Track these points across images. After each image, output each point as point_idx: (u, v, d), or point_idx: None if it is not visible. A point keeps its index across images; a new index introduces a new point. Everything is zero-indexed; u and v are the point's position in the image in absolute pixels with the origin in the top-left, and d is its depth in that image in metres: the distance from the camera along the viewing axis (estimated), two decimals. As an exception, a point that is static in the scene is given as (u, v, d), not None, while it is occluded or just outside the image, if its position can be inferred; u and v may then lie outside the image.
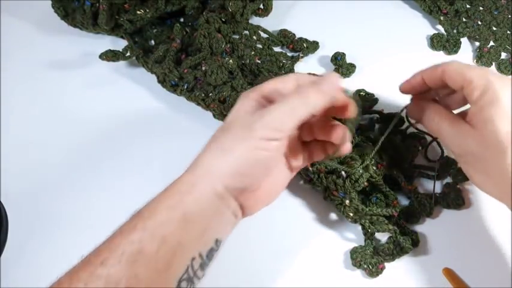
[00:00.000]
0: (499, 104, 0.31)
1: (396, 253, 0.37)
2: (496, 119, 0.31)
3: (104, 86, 0.50)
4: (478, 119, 0.32)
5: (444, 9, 0.53)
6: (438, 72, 0.35)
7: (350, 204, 0.38)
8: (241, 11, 0.51)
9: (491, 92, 0.31)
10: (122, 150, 0.45)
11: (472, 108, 0.33)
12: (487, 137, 0.32)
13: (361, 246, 0.38)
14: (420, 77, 0.37)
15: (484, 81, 0.32)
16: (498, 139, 0.31)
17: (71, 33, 0.54)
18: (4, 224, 0.41)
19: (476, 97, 0.32)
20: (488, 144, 0.32)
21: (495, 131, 0.31)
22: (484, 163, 0.33)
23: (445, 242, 0.39)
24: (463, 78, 0.33)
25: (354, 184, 0.38)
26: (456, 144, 0.34)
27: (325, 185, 0.39)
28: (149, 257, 0.28)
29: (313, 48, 0.51)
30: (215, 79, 0.45)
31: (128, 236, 0.28)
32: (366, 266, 0.37)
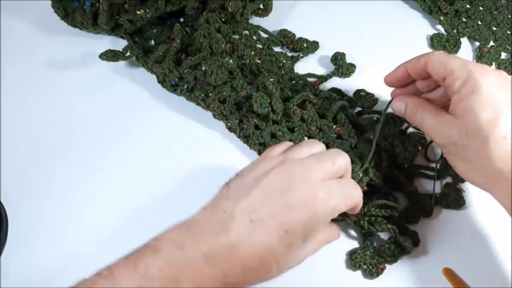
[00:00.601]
0: (479, 93, 0.32)
1: (397, 253, 0.37)
2: (477, 107, 0.32)
3: (103, 86, 0.50)
4: (460, 109, 0.33)
5: (444, 9, 0.53)
6: (421, 63, 0.36)
7: None
8: (241, 11, 0.50)
9: (472, 81, 0.32)
10: (122, 150, 0.45)
11: (454, 98, 0.33)
12: (468, 125, 0.32)
13: (361, 247, 0.38)
14: (404, 68, 0.38)
15: (465, 71, 0.33)
16: (479, 127, 0.32)
17: (71, 33, 0.54)
18: (4, 224, 0.41)
19: (457, 87, 0.33)
20: (470, 133, 0.32)
21: (476, 119, 0.32)
22: (466, 152, 0.33)
23: (445, 242, 0.39)
24: (445, 68, 0.34)
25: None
26: (439, 135, 0.35)
27: None
28: None
29: (313, 48, 0.51)
30: (215, 79, 0.45)
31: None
32: (365, 267, 0.37)
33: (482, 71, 0.33)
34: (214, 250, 0.28)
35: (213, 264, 0.27)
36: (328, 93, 0.46)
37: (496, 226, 0.39)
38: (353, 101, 0.47)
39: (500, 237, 0.39)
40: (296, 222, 0.29)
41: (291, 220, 0.29)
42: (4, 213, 0.42)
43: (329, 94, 0.45)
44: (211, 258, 0.27)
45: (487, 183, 0.34)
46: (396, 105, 0.39)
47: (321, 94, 0.46)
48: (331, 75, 0.49)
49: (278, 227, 0.29)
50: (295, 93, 0.45)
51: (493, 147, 0.32)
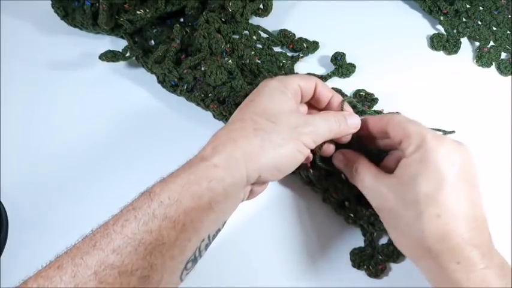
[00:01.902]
0: (426, 163, 0.31)
1: (397, 253, 0.37)
2: (420, 177, 0.30)
3: (103, 86, 0.50)
4: (404, 174, 0.32)
5: (444, 9, 0.53)
6: (384, 121, 0.35)
7: (349, 206, 0.38)
8: (241, 11, 0.50)
9: (424, 149, 0.31)
10: (121, 150, 0.45)
11: (403, 162, 0.32)
12: (407, 194, 0.31)
13: (361, 248, 0.38)
14: (366, 120, 0.37)
15: (420, 137, 0.32)
16: (417, 199, 0.30)
17: (71, 33, 0.54)
18: (4, 224, 0.41)
19: (409, 152, 0.32)
20: (407, 203, 0.31)
21: (416, 190, 0.30)
22: (400, 221, 0.32)
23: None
24: (403, 131, 0.33)
25: (353, 187, 0.38)
26: (376, 198, 0.34)
27: (325, 187, 0.39)
28: (168, 246, 0.27)
29: (313, 48, 0.51)
30: (214, 79, 0.45)
31: (146, 223, 0.27)
32: (366, 267, 0.37)
33: (438, 142, 0.31)
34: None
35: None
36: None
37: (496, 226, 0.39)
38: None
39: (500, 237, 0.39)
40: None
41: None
42: (4, 213, 0.42)
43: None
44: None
45: (416, 258, 0.32)
46: (336, 159, 0.38)
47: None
48: (331, 75, 0.49)
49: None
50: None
51: (426, 223, 0.30)
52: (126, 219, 0.27)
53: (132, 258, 0.26)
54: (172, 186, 0.29)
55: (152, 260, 0.26)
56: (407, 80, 0.49)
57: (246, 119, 0.33)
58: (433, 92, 0.48)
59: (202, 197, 0.28)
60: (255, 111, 0.33)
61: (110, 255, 0.26)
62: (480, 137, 0.44)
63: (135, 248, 0.26)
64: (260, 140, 0.31)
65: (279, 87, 0.35)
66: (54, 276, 0.25)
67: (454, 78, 0.49)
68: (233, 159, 0.30)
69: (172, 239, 0.27)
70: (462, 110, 0.46)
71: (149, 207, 0.27)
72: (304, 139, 0.33)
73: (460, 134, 0.44)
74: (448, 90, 0.48)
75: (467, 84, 0.48)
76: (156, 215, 0.27)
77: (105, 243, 0.26)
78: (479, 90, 0.48)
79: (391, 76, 0.49)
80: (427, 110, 0.46)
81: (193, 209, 0.28)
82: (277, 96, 0.34)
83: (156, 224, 0.27)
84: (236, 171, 0.30)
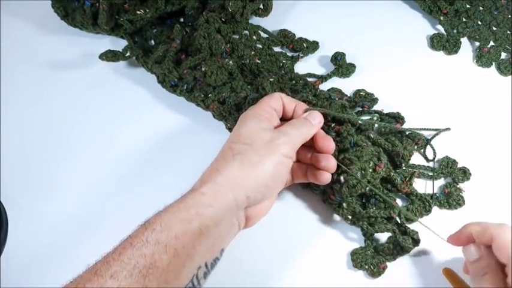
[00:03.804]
0: None
1: (396, 252, 0.37)
2: None
3: (103, 86, 0.50)
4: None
5: (444, 9, 0.53)
6: (487, 236, 0.32)
7: (348, 207, 0.38)
8: (241, 11, 0.50)
9: None
10: (121, 150, 0.45)
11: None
12: None
13: (362, 248, 0.38)
14: (469, 232, 0.34)
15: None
16: None
17: (71, 33, 0.54)
18: (4, 224, 0.41)
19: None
20: None
21: None
22: None
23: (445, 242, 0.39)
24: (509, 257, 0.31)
25: (351, 190, 0.38)
26: None
27: (322, 189, 0.40)
28: (161, 270, 0.28)
29: (313, 48, 0.51)
30: (215, 80, 0.45)
31: (140, 249, 0.29)
32: (367, 267, 0.37)
33: None
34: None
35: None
36: (328, 93, 0.46)
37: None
38: (353, 100, 0.47)
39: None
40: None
41: None
42: (4, 213, 0.42)
43: (329, 94, 0.45)
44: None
45: None
46: (469, 252, 0.34)
47: (320, 94, 0.46)
48: (331, 75, 0.49)
49: None
50: (295, 93, 0.45)
51: None
52: (123, 247, 0.29)
53: (128, 281, 0.27)
54: (164, 216, 0.31)
55: (147, 283, 0.28)
56: (407, 80, 0.49)
57: (225, 149, 0.35)
58: (433, 92, 0.48)
59: (192, 222, 0.30)
60: (231, 140, 0.36)
61: (108, 280, 0.27)
62: (480, 137, 0.44)
63: (130, 271, 0.28)
64: (239, 163, 0.33)
65: (251, 114, 0.37)
66: None
67: (454, 78, 0.49)
68: (217, 186, 0.32)
69: (164, 263, 0.29)
70: (462, 110, 0.46)
71: (143, 235, 0.29)
72: (283, 149, 0.34)
73: (460, 133, 0.44)
74: (448, 90, 0.48)
75: (467, 84, 0.48)
76: (149, 241, 0.29)
77: (104, 270, 0.28)
78: (479, 90, 0.48)
79: (391, 76, 0.49)
80: (427, 110, 0.46)
81: (183, 233, 0.30)
82: (249, 121, 0.36)
83: (149, 249, 0.29)
84: (222, 196, 0.32)
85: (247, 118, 0.37)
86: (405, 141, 0.42)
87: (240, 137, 0.35)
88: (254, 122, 0.36)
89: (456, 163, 0.42)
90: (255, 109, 0.38)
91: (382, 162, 0.39)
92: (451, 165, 0.42)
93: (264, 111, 0.37)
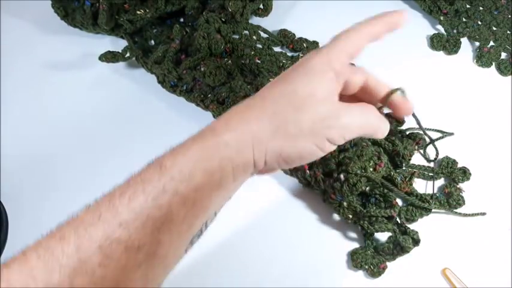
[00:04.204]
0: None
1: (396, 252, 0.37)
2: None
3: (103, 86, 0.50)
4: None
5: (444, 9, 0.53)
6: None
7: (348, 207, 0.38)
8: (241, 11, 0.50)
9: None
10: (121, 150, 0.45)
11: None
12: None
13: (362, 247, 0.38)
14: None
15: None
16: None
17: (71, 33, 0.54)
18: (4, 224, 0.41)
19: None
20: None
21: None
22: None
23: (445, 242, 0.39)
24: None
25: (351, 188, 0.38)
26: None
27: (323, 188, 0.40)
28: (176, 223, 0.26)
29: (313, 48, 0.51)
30: (213, 80, 0.45)
31: (156, 199, 0.25)
32: (367, 267, 0.37)
33: None
34: None
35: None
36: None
37: (496, 226, 0.39)
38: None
39: (500, 237, 0.39)
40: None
41: None
42: (4, 213, 0.42)
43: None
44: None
45: None
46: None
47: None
48: (331, 75, 0.49)
49: None
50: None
51: None
52: (134, 192, 0.26)
53: (140, 234, 0.24)
54: (183, 160, 0.27)
55: (160, 237, 0.25)
56: (407, 80, 0.49)
57: (268, 98, 0.29)
58: (433, 92, 0.48)
59: (214, 175, 0.27)
60: (281, 91, 0.29)
61: (117, 229, 0.24)
62: (480, 137, 0.44)
63: (143, 223, 0.25)
64: (275, 127, 0.28)
65: (322, 67, 0.29)
66: (56, 248, 0.24)
67: (454, 78, 0.49)
68: (243, 142, 0.28)
69: (181, 216, 0.26)
70: (462, 110, 0.46)
71: (159, 181, 0.26)
72: (331, 134, 0.28)
73: (460, 134, 0.44)
74: (448, 90, 0.48)
75: (467, 84, 0.48)
76: (166, 190, 0.25)
77: (110, 216, 0.25)
78: (479, 90, 0.48)
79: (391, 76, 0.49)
80: (427, 110, 0.46)
81: (204, 186, 0.27)
82: (315, 78, 0.29)
83: (166, 200, 0.25)
84: (245, 154, 0.28)
85: (314, 71, 0.29)
86: (405, 141, 0.42)
87: (293, 94, 0.28)
88: (319, 80, 0.29)
89: (456, 163, 0.42)
90: (328, 57, 0.30)
91: (382, 162, 0.39)
92: (451, 165, 0.42)
93: (337, 63, 0.30)
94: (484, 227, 0.39)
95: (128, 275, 0.24)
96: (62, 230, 0.25)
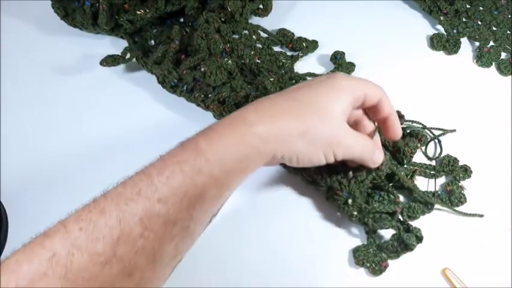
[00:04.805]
0: None
1: (400, 250, 0.37)
2: None
3: (104, 87, 0.50)
4: None
5: (444, 9, 0.53)
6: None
7: (353, 204, 0.38)
8: (241, 11, 0.51)
9: None
10: (122, 150, 0.45)
11: None
12: None
13: (364, 245, 0.38)
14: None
15: None
16: None
17: (71, 34, 0.54)
18: (4, 224, 0.41)
19: None
20: None
21: None
22: None
23: (445, 242, 0.39)
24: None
25: (359, 184, 0.38)
26: None
27: (329, 184, 0.39)
28: (206, 201, 0.29)
29: (312, 47, 0.51)
30: (214, 80, 0.45)
31: (192, 178, 0.28)
32: (369, 265, 0.37)
33: None
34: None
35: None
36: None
37: (496, 226, 0.39)
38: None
39: (500, 237, 0.39)
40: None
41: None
42: (4, 213, 0.42)
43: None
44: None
45: None
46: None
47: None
48: (331, 74, 0.49)
49: None
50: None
51: None
52: (172, 171, 0.28)
53: (177, 209, 0.27)
54: (217, 145, 0.30)
55: (193, 213, 0.28)
56: (407, 80, 0.49)
57: (295, 99, 0.33)
58: (433, 92, 0.48)
59: (242, 162, 0.30)
60: (307, 97, 0.33)
61: (156, 204, 0.27)
62: (480, 137, 0.44)
63: (181, 199, 0.27)
64: (302, 131, 0.32)
65: (345, 89, 0.34)
66: (99, 221, 0.26)
67: (454, 78, 0.49)
68: (272, 136, 0.31)
69: (212, 195, 0.29)
70: (462, 110, 0.46)
71: (195, 161, 0.28)
72: (337, 149, 0.33)
73: (460, 134, 0.44)
74: (448, 90, 0.48)
75: (467, 84, 0.48)
76: (202, 171, 0.28)
77: (150, 192, 0.27)
78: (479, 90, 0.48)
79: (391, 76, 0.49)
80: (427, 109, 0.46)
81: (233, 170, 0.30)
82: (338, 97, 0.34)
83: (202, 180, 0.28)
84: (268, 146, 0.31)
85: (338, 90, 0.34)
86: (407, 138, 0.43)
87: (318, 106, 0.33)
88: (341, 101, 0.33)
89: (457, 161, 0.42)
90: (352, 84, 0.35)
91: (384, 158, 0.40)
92: (452, 163, 0.42)
93: (357, 94, 0.34)
94: (484, 226, 0.39)
95: (163, 246, 0.27)
96: (101, 204, 0.27)
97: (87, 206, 0.27)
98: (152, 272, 0.27)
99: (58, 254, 0.25)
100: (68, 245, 0.25)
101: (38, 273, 0.24)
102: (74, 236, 0.26)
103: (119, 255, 0.25)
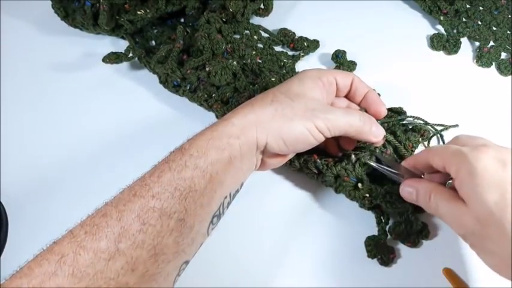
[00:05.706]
0: (476, 175, 0.29)
1: (407, 233, 0.37)
2: (479, 190, 0.28)
3: (105, 87, 0.50)
4: (464, 194, 0.30)
5: (444, 9, 0.53)
6: (422, 158, 0.35)
7: (363, 187, 0.38)
8: (242, 11, 0.51)
9: (467, 165, 0.30)
10: (123, 150, 0.45)
11: (456, 184, 0.31)
12: (478, 212, 0.29)
13: (374, 236, 0.38)
14: (411, 162, 0.37)
15: (458, 156, 0.31)
16: (488, 211, 0.28)
17: (72, 34, 0.54)
18: (4, 224, 0.41)
19: (453, 173, 0.31)
20: (481, 220, 0.29)
21: (482, 203, 0.28)
22: (485, 241, 0.29)
23: (445, 242, 0.39)
24: (442, 158, 0.32)
25: (363, 167, 0.39)
26: (456, 224, 0.31)
27: (336, 173, 0.39)
28: (198, 193, 0.30)
29: (313, 46, 0.51)
30: (219, 80, 0.45)
31: (180, 172, 0.30)
32: (379, 256, 0.37)
33: (477, 152, 0.30)
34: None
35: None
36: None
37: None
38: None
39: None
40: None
41: None
42: (4, 214, 0.42)
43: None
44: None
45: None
46: (406, 192, 0.35)
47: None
48: (332, 74, 0.49)
49: None
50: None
51: (510, 231, 0.27)
52: (162, 171, 0.31)
53: (170, 202, 0.29)
54: (199, 142, 0.32)
55: (186, 205, 0.30)
56: (407, 80, 0.49)
57: (268, 94, 0.36)
58: (433, 92, 0.48)
59: (224, 151, 0.32)
60: (279, 89, 0.37)
61: (150, 200, 0.29)
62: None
63: (172, 193, 0.29)
64: (273, 110, 0.34)
65: (313, 75, 0.37)
66: (101, 222, 0.28)
67: (454, 78, 0.49)
68: (246, 121, 0.34)
69: (202, 187, 0.30)
70: (462, 110, 0.46)
71: (181, 159, 0.31)
72: (318, 122, 0.34)
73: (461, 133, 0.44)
74: (448, 90, 0.48)
75: (467, 84, 0.48)
76: (187, 165, 0.31)
77: (144, 191, 0.30)
78: (479, 90, 0.48)
79: (391, 76, 0.49)
80: (427, 109, 0.46)
81: (217, 160, 0.32)
82: (306, 82, 0.37)
83: (188, 173, 0.30)
84: (248, 131, 0.33)
85: (306, 77, 0.37)
86: (409, 133, 0.43)
87: (289, 91, 0.36)
88: (310, 87, 0.36)
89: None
90: (319, 72, 0.38)
91: (388, 149, 0.40)
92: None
93: (326, 79, 0.37)
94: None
95: (161, 240, 0.28)
96: (103, 209, 0.29)
97: (91, 214, 0.30)
98: (155, 267, 0.28)
99: (66, 256, 0.27)
100: (74, 247, 0.27)
101: (48, 273, 0.26)
102: (80, 239, 0.28)
103: (121, 250, 0.27)
